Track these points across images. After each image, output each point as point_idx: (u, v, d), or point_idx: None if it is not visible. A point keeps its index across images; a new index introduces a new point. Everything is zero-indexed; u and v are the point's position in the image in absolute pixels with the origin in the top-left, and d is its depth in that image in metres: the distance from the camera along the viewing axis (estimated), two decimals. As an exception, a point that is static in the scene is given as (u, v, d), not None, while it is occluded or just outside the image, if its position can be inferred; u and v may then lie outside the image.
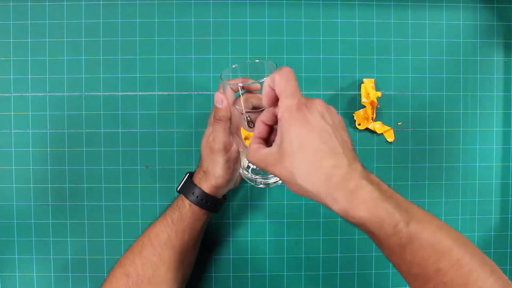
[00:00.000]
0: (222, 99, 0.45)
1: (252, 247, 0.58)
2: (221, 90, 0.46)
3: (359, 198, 0.34)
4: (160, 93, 0.57)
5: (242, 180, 0.54)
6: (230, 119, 0.46)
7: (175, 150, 0.58)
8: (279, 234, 0.58)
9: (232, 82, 0.46)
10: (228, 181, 0.48)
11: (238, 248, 0.58)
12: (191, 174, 0.50)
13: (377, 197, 0.33)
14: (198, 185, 0.48)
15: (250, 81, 0.46)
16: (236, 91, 0.46)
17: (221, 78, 0.46)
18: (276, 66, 0.45)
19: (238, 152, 0.47)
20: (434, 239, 0.34)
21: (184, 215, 0.48)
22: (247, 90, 0.46)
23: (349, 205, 0.34)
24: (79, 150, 0.57)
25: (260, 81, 0.43)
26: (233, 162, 0.47)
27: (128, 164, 0.58)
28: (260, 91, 0.45)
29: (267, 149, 0.38)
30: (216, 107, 0.46)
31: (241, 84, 0.45)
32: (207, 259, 0.58)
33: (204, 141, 0.48)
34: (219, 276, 0.58)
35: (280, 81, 0.37)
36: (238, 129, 0.47)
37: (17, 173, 0.57)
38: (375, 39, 0.58)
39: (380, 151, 0.59)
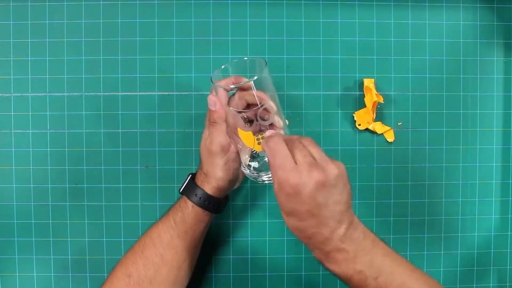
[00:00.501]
0: (215, 102, 0.45)
1: (252, 247, 0.58)
2: (214, 93, 0.46)
3: (332, 259, 0.40)
4: (160, 93, 0.57)
5: (242, 181, 0.54)
6: (225, 120, 0.46)
7: (175, 150, 0.58)
8: (279, 234, 0.58)
9: (223, 82, 0.46)
10: (230, 181, 0.48)
11: (238, 248, 0.58)
12: (193, 175, 0.50)
13: (349, 259, 0.39)
14: (200, 186, 0.48)
15: (242, 80, 0.46)
16: (228, 90, 0.46)
17: (211, 81, 0.46)
18: (266, 63, 0.45)
19: (237, 152, 0.47)
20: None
21: (186, 216, 0.48)
22: (240, 88, 0.46)
23: (324, 260, 0.41)
24: (79, 150, 0.57)
25: (254, 78, 0.43)
26: (232, 163, 0.47)
27: (128, 164, 0.58)
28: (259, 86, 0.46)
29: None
30: (210, 110, 0.46)
31: (232, 86, 0.45)
32: (207, 259, 0.58)
33: (202, 144, 0.49)
34: (219, 276, 0.58)
35: (268, 154, 0.41)
36: (234, 129, 0.47)
37: (17, 173, 0.57)
38: (375, 39, 0.58)
39: (380, 151, 0.59)
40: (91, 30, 0.57)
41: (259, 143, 0.46)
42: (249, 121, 0.47)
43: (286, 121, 0.50)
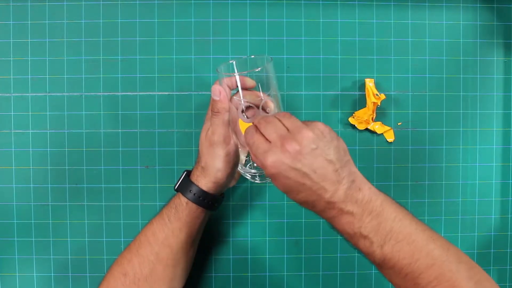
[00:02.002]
0: (219, 91, 0.45)
1: (252, 247, 0.58)
2: (218, 84, 0.46)
3: (338, 223, 0.39)
4: (160, 93, 0.58)
5: (241, 180, 0.54)
6: (228, 111, 0.46)
7: (175, 150, 0.58)
8: (279, 234, 0.58)
9: (227, 81, 0.46)
10: (228, 176, 0.48)
11: (238, 248, 0.58)
12: (189, 172, 0.50)
13: (354, 222, 0.38)
14: (195, 182, 0.48)
15: (246, 79, 0.46)
16: (231, 88, 0.46)
17: (217, 71, 0.46)
18: (271, 59, 0.46)
19: (237, 146, 0.47)
20: (411, 259, 0.36)
21: (181, 213, 0.48)
22: (243, 88, 0.46)
23: (330, 222, 0.40)
24: (79, 150, 0.57)
25: (255, 70, 0.44)
26: (233, 156, 0.47)
27: (128, 164, 0.58)
28: (254, 88, 0.46)
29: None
30: (214, 100, 0.46)
31: (237, 74, 0.45)
32: (207, 259, 0.58)
33: (203, 136, 0.48)
34: (219, 276, 0.58)
35: (247, 145, 0.41)
36: (236, 124, 0.47)
37: (17, 173, 0.57)
38: (375, 39, 0.58)
39: (380, 151, 0.59)
40: (91, 30, 0.57)
41: None
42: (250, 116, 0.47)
43: None
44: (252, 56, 0.48)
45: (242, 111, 0.46)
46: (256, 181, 0.49)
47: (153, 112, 0.58)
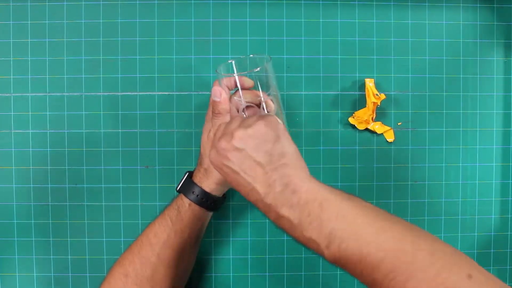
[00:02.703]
0: (220, 92, 0.45)
1: (252, 247, 0.58)
2: (217, 84, 0.46)
3: (280, 226, 0.37)
4: (160, 93, 0.57)
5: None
6: (229, 112, 0.46)
7: (175, 150, 0.58)
8: (279, 234, 0.58)
9: (226, 81, 0.46)
10: None
11: (238, 248, 0.58)
12: (191, 174, 0.50)
13: (295, 226, 0.36)
14: (198, 183, 0.48)
15: (245, 80, 0.46)
16: (230, 88, 0.46)
17: (216, 71, 0.46)
18: (270, 59, 0.46)
19: None
20: (360, 255, 0.34)
21: (183, 214, 0.48)
22: (242, 88, 0.46)
23: (275, 224, 0.38)
24: (79, 150, 0.57)
25: (255, 70, 0.44)
26: None
27: (128, 164, 0.58)
28: (254, 87, 0.46)
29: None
30: (215, 101, 0.46)
31: (236, 74, 0.45)
32: (207, 259, 0.58)
33: (204, 137, 0.48)
34: (219, 276, 0.58)
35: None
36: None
37: (17, 173, 0.57)
38: (375, 39, 0.58)
39: (380, 151, 0.59)
40: (91, 30, 0.57)
41: None
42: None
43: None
44: (251, 56, 0.48)
45: (243, 111, 0.46)
46: None
47: (153, 112, 0.58)
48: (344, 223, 0.35)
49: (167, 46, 0.57)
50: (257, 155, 0.38)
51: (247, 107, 0.46)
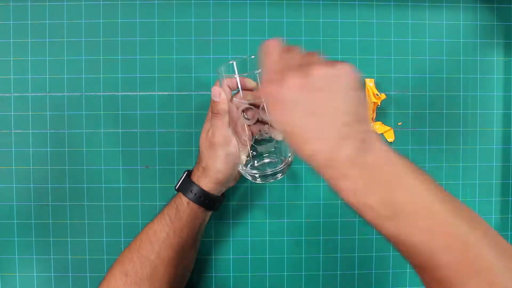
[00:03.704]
0: (219, 93, 0.45)
1: (252, 247, 0.58)
2: (218, 84, 0.46)
3: (339, 188, 0.32)
4: (160, 93, 0.57)
5: (241, 180, 0.54)
6: (228, 112, 0.46)
7: (175, 150, 0.58)
8: (279, 234, 0.58)
9: (227, 82, 0.46)
10: (228, 176, 0.48)
11: (238, 248, 0.58)
12: (189, 172, 0.50)
13: (358, 190, 0.31)
14: (196, 182, 0.48)
15: (246, 81, 0.46)
16: (232, 88, 0.46)
17: (217, 72, 0.46)
18: None
19: (238, 146, 0.47)
20: (428, 236, 0.30)
21: (182, 213, 0.48)
22: (244, 88, 0.46)
23: (330, 184, 0.33)
24: (79, 150, 0.57)
25: (255, 72, 0.44)
26: (233, 156, 0.47)
27: (128, 164, 0.58)
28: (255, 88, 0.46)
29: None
30: (214, 101, 0.46)
31: (237, 75, 0.45)
32: (207, 259, 0.58)
33: (203, 136, 0.48)
34: (219, 276, 0.58)
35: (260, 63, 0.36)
36: (236, 125, 0.47)
37: (17, 173, 0.57)
38: (375, 39, 0.58)
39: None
40: (91, 30, 0.57)
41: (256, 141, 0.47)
42: (250, 116, 0.47)
43: None
44: (253, 57, 0.48)
45: (242, 112, 0.46)
46: (256, 182, 0.49)
47: (153, 112, 0.58)
48: (417, 198, 0.30)
49: (167, 46, 0.57)
50: (339, 99, 0.32)
51: (247, 108, 0.46)
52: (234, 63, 0.46)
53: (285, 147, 0.48)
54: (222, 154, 0.46)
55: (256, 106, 0.46)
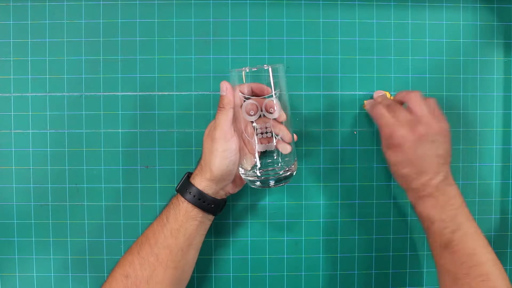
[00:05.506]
0: (226, 87, 0.47)
1: (252, 247, 0.58)
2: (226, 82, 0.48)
3: (423, 203, 0.47)
4: (160, 93, 0.57)
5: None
6: (233, 108, 0.47)
7: (175, 150, 0.58)
8: (279, 234, 0.58)
9: (243, 88, 0.47)
10: (223, 173, 0.47)
11: (238, 248, 0.58)
12: (190, 174, 0.50)
13: (437, 206, 0.46)
14: (193, 181, 0.48)
15: (263, 87, 0.47)
16: (246, 94, 0.47)
17: (230, 71, 0.48)
18: (284, 66, 0.46)
19: (238, 146, 0.47)
20: (472, 251, 0.45)
21: (178, 213, 0.48)
22: (259, 94, 0.48)
23: (415, 203, 0.49)
24: (79, 150, 0.57)
25: (273, 93, 0.47)
26: (230, 154, 0.47)
27: (128, 164, 0.58)
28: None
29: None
30: (221, 95, 0.47)
31: (247, 69, 0.47)
32: (207, 259, 0.58)
33: (206, 131, 0.49)
34: (219, 276, 0.58)
35: (374, 117, 0.52)
36: (241, 123, 0.48)
37: (17, 173, 0.57)
38: (375, 39, 0.58)
39: (380, 151, 0.59)
40: (91, 30, 0.57)
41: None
42: (253, 112, 0.48)
43: (295, 135, 0.51)
44: (266, 67, 0.48)
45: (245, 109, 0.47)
46: (255, 186, 0.49)
47: (153, 112, 0.58)
48: (471, 225, 0.46)
49: (167, 46, 0.57)
50: (441, 148, 0.47)
51: (251, 105, 0.47)
52: (243, 72, 0.47)
53: (289, 157, 0.49)
54: (220, 149, 0.46)
55: (259, 104, 0.47)
